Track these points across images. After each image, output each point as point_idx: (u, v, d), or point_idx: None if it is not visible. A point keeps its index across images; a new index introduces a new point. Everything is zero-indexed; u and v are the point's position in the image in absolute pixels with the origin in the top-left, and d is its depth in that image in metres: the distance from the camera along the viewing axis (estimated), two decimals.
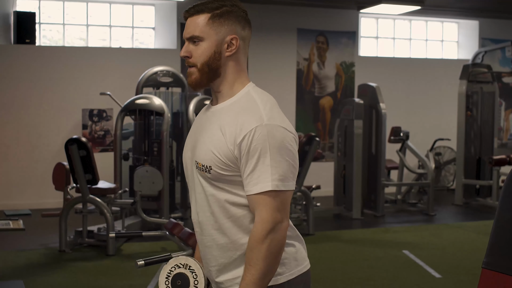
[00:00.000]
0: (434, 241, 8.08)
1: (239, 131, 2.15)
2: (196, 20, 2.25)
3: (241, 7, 2.30)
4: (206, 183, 2.26)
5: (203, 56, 2.25)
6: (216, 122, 2.25)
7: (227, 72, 2.28)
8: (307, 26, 12.03)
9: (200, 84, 2.29)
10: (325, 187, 10.38)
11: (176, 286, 2.36)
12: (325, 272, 6.47)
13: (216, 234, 2.28)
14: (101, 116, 10.66)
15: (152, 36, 11.54)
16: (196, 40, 2.25)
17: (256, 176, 2.14)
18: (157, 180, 7.92)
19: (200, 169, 2.24)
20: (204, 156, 2.22)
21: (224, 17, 2.24)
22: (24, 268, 6.53)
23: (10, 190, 10.14)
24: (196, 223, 2.37)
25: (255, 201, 2.16)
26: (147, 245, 7.49)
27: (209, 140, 2.23)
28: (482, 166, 11.09)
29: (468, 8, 12.41)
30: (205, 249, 2.35)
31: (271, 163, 2.13)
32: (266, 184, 2.13)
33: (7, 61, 10.09)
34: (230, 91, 2.29)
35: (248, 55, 2.36)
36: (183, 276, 2.37)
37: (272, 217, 2.14)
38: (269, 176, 2.13)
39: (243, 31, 2.29)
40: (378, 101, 9.72)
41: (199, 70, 2.26)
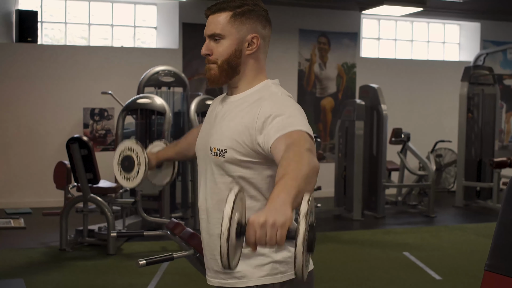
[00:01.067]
0: (434, 243, 8.08)
1: (262, 113, 2.13)
2: (218, 18, 2.26)
3: (262, 6, 2.32)
4: (218, 169, 2.25)
5: (224, 54, 2.25)
6: (234, 110, 2.26)
7: (246, 70, 2.29)
8: (309, 27, 12.04)
9: (218, 80, 2.29)
10: (325, 188, 10.38)
11: (124, 166, 2.82)
12: (325, 272, 6.46)
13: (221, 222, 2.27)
14: (102, 115, 10.66)
15: (154, 35, 11.54)
16: (217, 38, 2.26)
17: (283, 123, 2.05)
18: None
19: (214, 154, 2.23)
20: (220, 141, 2.22)
21: (246, 16, 2.26)
22: (24, 267, 6.53)
23: (11, 189, 10.14)
24: (203, 209, 2.36)
25: (286, 138, 2.01)
26: (148, 244, 7.48)
27: (226, 127, 2.23)
28: (482, 168, 11.09)
29: (470, 10, 12.41)
30: (209, 237, 2.35)
31: (296, 114, 2.10)
32: (295, 127, 2.04)
33: (9, 59, 10.09)
34: (248, 86, 2.30)
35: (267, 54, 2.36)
36: (130, 159, 2.80)
37: (308, 143, 1.98)
38: (296, 122, 2.06)
39: (264, 30, 2.31)
40: (379, 102, 9.72)
41: (219, 67, 2.27)
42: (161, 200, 8.23)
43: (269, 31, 2.35)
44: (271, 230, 1.63)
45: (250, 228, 1.64)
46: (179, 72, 9.27)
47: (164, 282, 6.00)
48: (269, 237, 1.63)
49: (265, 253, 2.26)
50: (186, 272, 6.19)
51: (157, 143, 2.99)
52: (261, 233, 1.63)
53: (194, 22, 11.00)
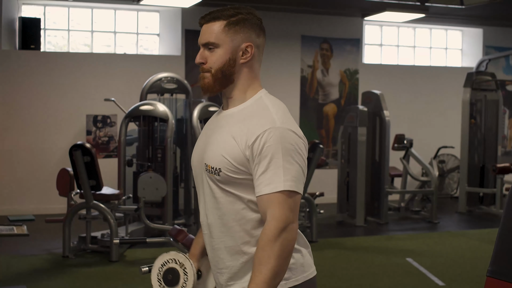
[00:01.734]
0: (437, 249, 8.07)
1: (251, 133, 2.17)
2: (212, 27, 2.27)
3: (256, 15, 2.32)
4: (215, 185, 2.26)
5: (217, 63, 2.27)
6: (227, 126, 2.27)
7: (241, 79, 2.30)
8: (311, 33, 12.05)
9: (212, 89, 2.31)
10: (328, 194, 10.38)
11: (167, 280, 2.47)
12: (327, 279, 6.46)
13: (224, 236, 2.29)
14: (105, 122, 10.68)
15: (157, 42, 11.56)
16: (211, 47, 2.28)
17: (268, 176, 2.15)
18: (161, 187, 7.92)
19: (210, 172, 2.25)
20: (213, 158, 2.23)
21: (240, 25, 2.27)
22: (27, 273, 6.54)
23: (13, 195, 10.14)
24: (205, 225, 2.37)
25: (267, 200, 2.15)
26: (150, 251, 7.48)
27: (219, 143, 2.24)
28: (485, 174, 11.08)
29: (472, 16, 12.41)
30: (213, 252, 2.36)
31: (284, 164, 2.14)
32: (279, 185, 2.14)
33: (12, 66, 10.11)
34: (243, 97, 2.31)
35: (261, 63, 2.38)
36: (174, 272, 2.46)
37: (285, 215, 2.14)
38: (282, 176, 2.14)
39: (258, 39, 2.32)
40: (382, 108, 9.73)
41: (213, 75, 2.28)
42: (164, 207, 8.23)
43: (263, 39, 2.35)
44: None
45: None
46: (181, 79, 9.28)
47: None
48: None
49: None
50: None
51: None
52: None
53: (196, 29, 10.93)
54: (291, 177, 2.15)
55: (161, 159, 8.42)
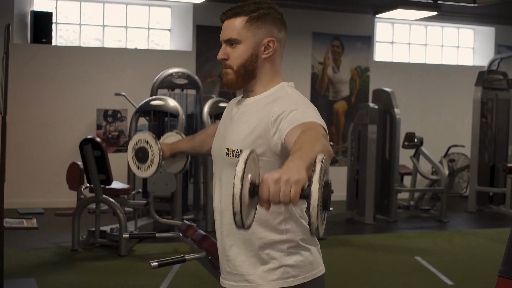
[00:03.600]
0: (446, 248, 8.05)
1: (276, 112, 2.15)
2: (234, 22, 2.26)
3: (277, 10, 2.32)
4: (233, 170, 2.24)
5: (240, 59, 2.26)
6: (249, 111, 2.27)
7: (262, 74, 2.30)
8: (323, 30, 12.03)
9: (235, 85, 2.30)
10: (338, 192, 10.36)
11: (138, 157, 2.90)
12: (336, 276, 6.45)
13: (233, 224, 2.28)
14: (115, 117, 10.70)
15: (168, 37, 11.57)
16: (233, 43, 2.27)
17: (298, 117, 2.08)
18: (171, 182, 7.93)
19: (230, 155, 2.24)
20: (235, 142, 2.23)
21: (261, 20, 2.26)
22: (36, 267, 6.56)
23: (23, 189, 10.18)
24: (218, 211, 2.37)
25: (301, 126, 2.02)
26: (159, 246, 7.50)
27: (242, 128, 2.24)
28: (496, 173, 11.04)
29: (484, 14, 12.36)
30: (223, 238, 2.36)
31: (312, 111, 2.12)
32: (313, 119, 2.06)
33: (24, 60, 10.13)
34: (263, 89, 2.31)
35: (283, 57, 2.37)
36: (144, 150, 2.87)
37: (323, 132, 2.00)
38: (311, 114, 2.10)
39: (280, 33, 2.32)
40: (393, 106, 9.70)
41: (235, 72, 2.27)
42: (173, 202, 8.24)
43: (285, 34, 2.35)
44: (285, 186, 1.60)
45: (263, 185, 1.62)
46: (192, 74, 9.28)
47: (175, 284, 6.00)
48: (282, 194, 1.60)
49: (277, 257, 2.26)
50: (198, 274, 6.20)
51: (170, 134, 3.06)
52: (275, 189, 1.61)
53: (208, 24, 11.01)
54: (320, 119, 2.10)
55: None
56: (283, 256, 2.25)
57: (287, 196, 1.60)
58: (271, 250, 2.24)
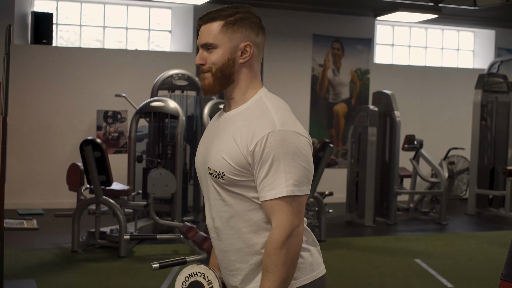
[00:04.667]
0: (446, 251, 8.05)
1: (251, 138, 2.16)
2: (210, 27, 2.26)
3: (255, 14, 2.30)
4: (220, 188, 2.25)
5: (217, 63, 2.25)
6: (228, 129, 2.25)
7: (241, 79, 2.29)
8: (323, 32, 12.04)
9: (213, 90, 2.29)
10: (337, 194, 10.37)
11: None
12: (336, 279, 6.46)
13: (233, 238, 2.28)
14: (115, 118, 10.70)
15: (168, 39, 11.57)
16: (210, 48, 2.26)
17: (269, 182, 2.14)
18: (171, 183, 7.93)
19: (213, 175, 2.24)
20: (216, 162, 2.22)
21: (238, 24, 2.25)
22: (36, 267, 6.56)
23: (23, 189, 10.18)
24: (211, 228, 2.37)
25: (270, 206, 2.16)
26: (159, 247, 7.50)
27: (221, 147, 2.23)
28: (495, 176, 11.04)
29: (485, 17, 12.38)
30: (222, 254, 2.35)
31: (285, 168, 2.13)
32: (281, 190, 2.13)
33: (24, 61, 10.13)
34: (243, 97, 2.29)
35: (262, 61, 2.37)
36: (199, 285, 2.33)
37: (289, 222, 2.14)
38: (284, 182, 2.13)
39: (257, 38, 2.29)
40: (393, 108, 9.71)
41: (213, 75, 2.27)
42: (173, 203, 8.24)
43: (263, 38, 2.33)
44: None
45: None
46: (192, 75, 9.29)
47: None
48: None
49: None
50: None
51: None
52: None
53: None
54: (293, 182, 2.14)
55: (171, 156, 8.43)
56: None
57: None
58: None
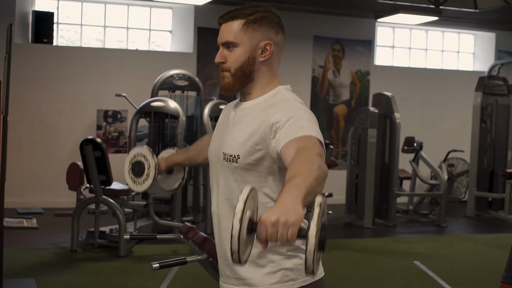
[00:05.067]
0: (445, 253, 8.05)
1: (273, 118, 2.15)
2: (231, 26, 2.27)
3: (275, 13, 2.32)
4: (231, 175, 2.25)
5: (237, 62, 2.26)
6: (247, 116, 2.26)
7: (260, 77, 2.30)
8: (324, 34, 12.04)
9: (232, 88, 2.30)
10: (337, 195, 10.37)
11: (134, 171, 2.85)
12: (334, 280, 6.46)
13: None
14: (115, 118, 10.71)
15: (169, 39, 11.58)
16: (230, 46, 2.27)
17: (295, 128, 2.07)
18: None
19: (227, 160, 2.23)
20: (232, 146, 2.22)
21: (258, 23, 2.27)
22: (35, 267, 6.56)
23: (23, 188, 10.18)
24: (215, 215, 2.37)
25: (297, 142, 2.02)
26: (159, 247, 7.50)
27: (239, 133, 2.23)
28: (495, 178, 11.05)
29: (485, 20, 12.39)
30: (221, 242, 2.36)
31: (307, 123, 2.10)
32: (309, 133, 2.05)
33: (25, 60, 10.14)
34: (261, 93, 2.31)
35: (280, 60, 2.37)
36: (140, 164, 2.83)
37: (318, 149, 1.99)
38: (307, 128, 2.07)
39: (277, 37, 2.32)
40: (393, 110, 9.71)
41: (233, 75, 2.27)
42: (173, 203, 8.25)
43: (282, 37, 2.35)
44: (283, 229, 1.63)
45: (261, 226, 1.65)
46: (193, 76, 9.29)
47: (174, 285, 6.01)
48: (280, 235, 1.64)
49: (276, 261, 2.26)
50: (197, 276, 6.20)
51: (168, 150, 3.00)
52: (272, 231, 1.64)
53: (209, 26, 11.02)
54: (316, 130, 2.08)
55: None
56: (282, 260, 2.25)
57: (284, 238, 1.65)
58: (270, 254, 2.25)
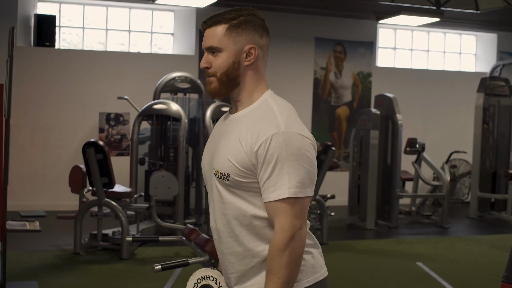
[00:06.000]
0: (448, 254, 8.05)
1: (256, 139, 2.16)
2: (214, 31, 2.27)
3: (259, 16, 2.31)
4: (225, 190, 2.26)
5: (222, 67, 2.26)
6: (234, 130, 2.26)
7: (246, 81, 2.29)
8: (325, 35, 12.05)
9: (219, 93, 2.30)
10: (339, 197, 10.37)
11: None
12: (337, 281, 6.46)
13: (232, 241, 2.29)
14: (118, 120, 10.72)
15: (171, 41, 11.59)
16: (215, 51, 2.27)
17: (273, 183, 2.15)
18: (173, 186, 7.94)
19: (219, 177, 2.25)
20: (222, 164, 2.23)
21: (242, 27, 2.26)
22: (38, 269, 6.57)
23: (25, 191, 10.19)
24: (214, 230, 2.38)
25: (273, 208, 2.16)
26: (161, 249, 7.51)
27: (227, 148, 2.24)
28: (497, 179, 11.04)
29: (487, 21, 12.38)
30: (223, 256, 2.37)
31: (288, 170, 2.14)
32: (283, 192, 2.13)
33: (27, 63, 10.15)
34: (249, 99, 2.30)
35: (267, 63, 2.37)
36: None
37: (292, 224, 2.14)
38: (286, 183, 2.13)
39: (261, 40, 2.30)
40: (395, 112, 9.71)
41: (218, 79, 2.27)
42: (175, 205, 8.25)
43: (267, 40, 2.33)
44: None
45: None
46: (195, 78, 9.31)
47: (177, 287, 6.01)
48: None
49: None
50: None
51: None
52: None
53: None
54: (296, 183, 2.14)
55: (173, 158, 8.44)
56: None
57: None
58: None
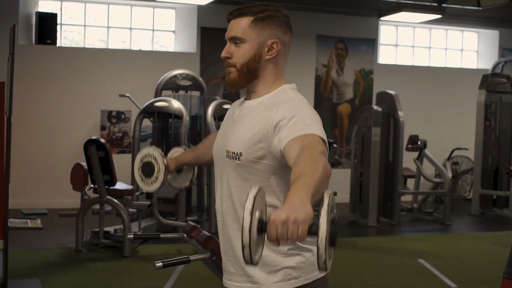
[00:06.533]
0: (450, 251, 8.05)
1: (276, 117, 2.16)
2: (239, 22, 2.29)
3: (284, 13, 2.35)
4: (234, 172, 2.27)
5: (243, 58, 2.28)
6: (251, 114, 2.28)
7: (265, 74, 2.32)
8: (327, 33, 12.04)
9: (237, 84, 2.32)
10: (341, 194, 10.33)
11: (144, 171, 2.94)
12: (339, 279, 6.46)
13: (236, 225, 2.30)
14: (119, 118, 10.71)
15: (172, 39, 11.58)
16: (237, 42, 2.29)
17: (298, 126, 2.09)
18: None
19: (230, 157, 2.25)
20: (235, 144, 2.24)
21: (267, 21, 2.29)
22: (40, 267, 6.57)
23: (27, 189, 10.19)
24: (219, 212, 2.39)
25: (300, 139, 2.04)
26: (163, 247, 7.51)
27: (242, 130, 2.25)
28: (499, 176, 11.03)
29: (489, 17, 12.36)
30: (225, 239, 2.38)
31: (310, 121, 2.12)
32: (312, 131, 2.07)
33: (28, 61, 10.15)
34: (266, 91, 2.33)
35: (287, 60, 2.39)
36: (150, 165, 2.91)
37: (322, 153, 1.97)
38: (310, 127, 2.09)
39: (284, 36, 2.34)
40: (396, 109, 9.70)
41: (238, 70, 2.29)
42: (177, 203, 8.25)
43: (290, 37, 2.37)
44: (293, 226, 1.64)
45: (271, 225, 1.65)
46: (196, 76, 9.30)
47: (179, 285, 6.01)
48: (290, 233, 1.64)
49: (277, 259, 2.27)
50: (201, 276, 6.21)
51: (176, 149, 3.08)
52: (282, 229, 1.64)
53: (212, 26, 11.03)
54: (320, 129, 2.10)
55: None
56: (284, 258, 2.26)
57: (295, 236, 1.65)
58: (271, 253, 2.25)
